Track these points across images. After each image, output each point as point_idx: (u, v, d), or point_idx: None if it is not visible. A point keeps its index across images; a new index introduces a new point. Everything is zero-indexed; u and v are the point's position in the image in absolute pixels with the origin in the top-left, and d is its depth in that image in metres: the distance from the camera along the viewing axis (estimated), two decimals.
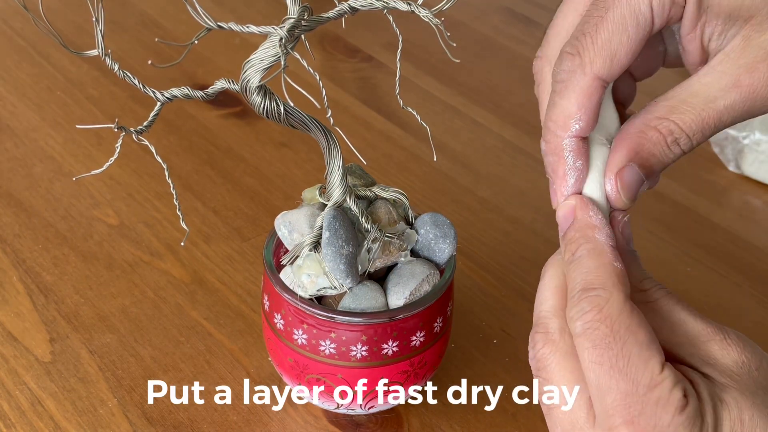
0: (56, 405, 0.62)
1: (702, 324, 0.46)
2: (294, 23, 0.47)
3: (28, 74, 0.96)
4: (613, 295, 0.44)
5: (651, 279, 0.48)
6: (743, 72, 0.46)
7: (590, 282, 0.45)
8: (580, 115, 0.48)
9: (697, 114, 0.46)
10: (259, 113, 0.50)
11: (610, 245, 0.47)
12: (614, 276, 0.45)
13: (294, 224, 0.56)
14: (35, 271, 0.72)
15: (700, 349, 0.45)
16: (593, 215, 0.48)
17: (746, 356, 0.45)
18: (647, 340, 0.44)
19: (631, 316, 0.44)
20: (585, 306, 0.45)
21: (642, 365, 0.43)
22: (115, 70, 0.48)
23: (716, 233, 0.81)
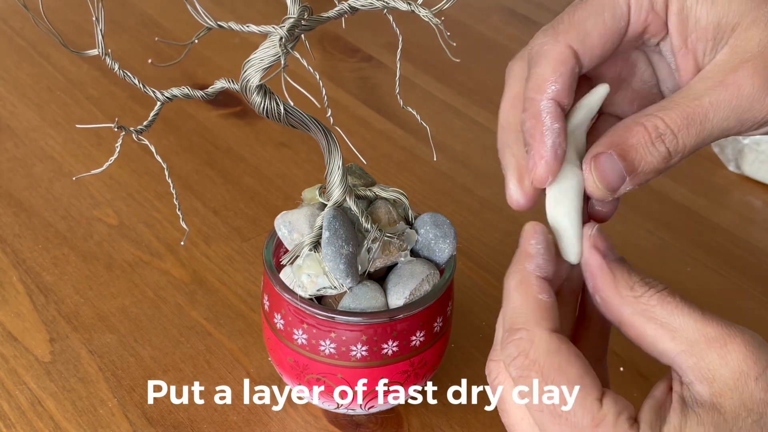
0: (56, 405, 0.62)
1: (703, 327, 0.44)
2: (294, 23, 0.47)
3: (28, 74, 0.96)
4: (537, 334, 0.44)
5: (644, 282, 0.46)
6: (729, 71, 0.46)
7: (515, 321, 0.45)
8: (554, 78, 0.48)
9: (683, 110, 0.46)
10: (259, 113, 0.50)
11: (536, 276, 0.46)
12: (537, 311, 0.45)
13: (294, 224, 0.56)
14: (35, 271, 0.72)
15: (700, 358, 0.43)
16: (534, 243, 0.47)
17: (748, 364, 0.43)
18: (579, 377, 0.43)
19: (560, 353, 0.44)
20: (513, 351, 0.45)
21: (579, 407, 0.43)
22: (115, 69, 0.48)
23: (716, 233, 0.81)
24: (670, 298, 0.45)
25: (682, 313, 0.44)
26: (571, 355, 0.44)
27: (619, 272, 0.46)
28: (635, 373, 0.67)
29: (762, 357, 0.43)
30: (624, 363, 0.68)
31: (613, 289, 0.45)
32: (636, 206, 0.82)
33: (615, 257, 0.47)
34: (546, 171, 0.48)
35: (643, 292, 0.45)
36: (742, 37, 0.46)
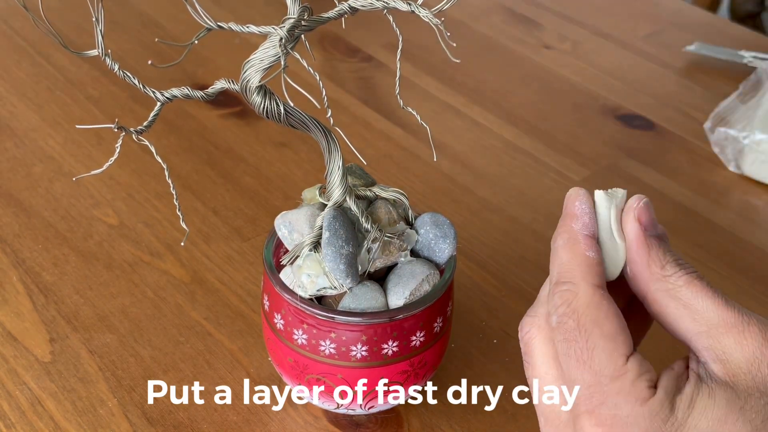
0: (56, 405, 0.62)
1: (724, 312, 0.45)
2: (294, 23, 0.47)
3: (28, 74, 0.96)
4: (581, 288, 0.46)
5: (676, 263, 0.47)
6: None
7: (562, 275, 0.47)
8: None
9: None
10: (259, 113, 0.50)
11: (584, 234, 0.48)
12: (584, 266, 0.47)
13: (294, 224, 0.56)
14: (35, 271, 0.72)
15: (717, 340, 0.45)
16: (578, 205, 0.49)
17: (762, 351, 0.44)
18: (613, 332, 0.45)
19: (599, 307, 0.45)
20: (557, 300, 0.47)
21: (605, 357, 0.44)
22: (115, 70, 0.48)
23: (716, 233, 0.81)
24: (697, 281, 0.46)
25: (706, 296, 0.46)
26: (610, 311, 0.46)
27: (655, 248, 0.48)
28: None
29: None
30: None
31: (645, 264, 0.47)
32: None
33: (655, 232, 0.49)
34: None
35: (673, 272, 0.47)
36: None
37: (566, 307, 0.46)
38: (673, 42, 1.09)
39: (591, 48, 1.07)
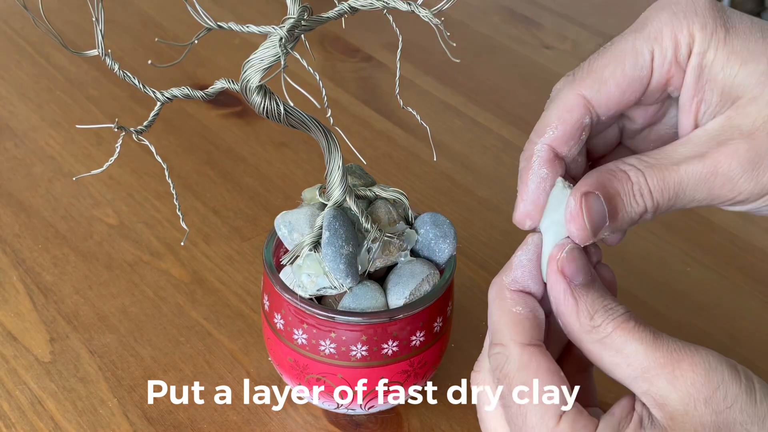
0: (56, 405, 0.62)
1: (654, 354, 0.44)
2: (294, 23, 0.47)
3: (28, 74, 0.96)
4: (510, 350, 0.46)
5: (603, 311, 0.46)
6: (712, 145, 0.46)
7: (494, 335, 0.47)
8: (556, 124, 0.48)
9: (661, 172, 0.46)
10: (259, 113, 0.50)
11: (510, 290, 0.48)
12: (511, 326, 0.46)
13: (294, 224, 0.56)
14: (35, 271, 0.72)
15: (651, 384, 0.44)
16: (519, 254, 0.48)
17: (696, 389, 0.43)
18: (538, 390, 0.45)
19: (528, 368, 0.45)
20: (493, 365, 0.47)
21: (537, 420, 0.44)
22: (115, 70, 0.48)
23: (716, 233, 0.81)
24: (625, 325, 0.45)
25: (634, 339, 0.44)
26: (540, 369, 0.45)
27: (582, 299, 0.46)
28: None
29: (712, 378, 0.43)
30: None
31: (574, 317, 0.46)
32: None
33: (583, 280, 0.47)
34: (524, 215, 0.49)
35: (601, 321, 0.45)
36: (739, 111, 0.46)
37: (499, 372, 0.46)
38: None
39: (591, 48, 1.07)
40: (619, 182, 0.46)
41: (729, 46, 0.46)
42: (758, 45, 0.46)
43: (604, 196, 0.46)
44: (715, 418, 0.42)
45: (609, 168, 0.47)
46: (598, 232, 0.47)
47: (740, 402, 0.43)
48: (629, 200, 0.46)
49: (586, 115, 0.49)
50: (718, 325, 0.72)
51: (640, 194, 0.46)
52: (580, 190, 0.47)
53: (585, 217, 0.47)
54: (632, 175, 0.46)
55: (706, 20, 0.47)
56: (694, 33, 0.47)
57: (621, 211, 0.47)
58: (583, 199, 0.46)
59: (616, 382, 0.46)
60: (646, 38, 0.48)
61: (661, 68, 0.48)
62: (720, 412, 0.42)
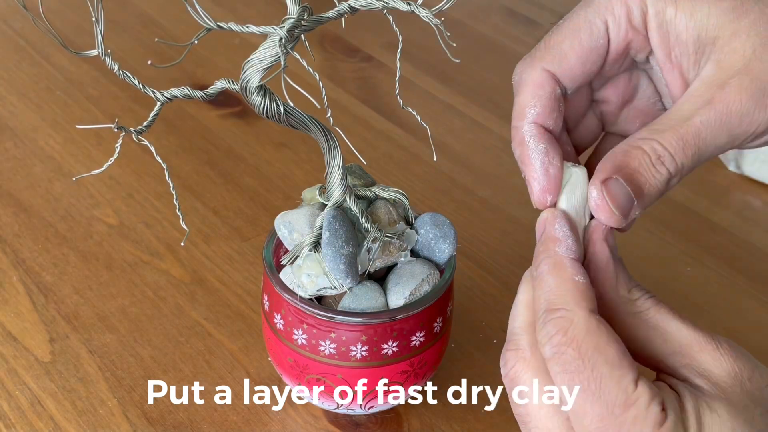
0: (56, 405, 0.62)
1: (694, 333, 0.45)
2: (294, 23, 0.47)
3: (28, 74, 0.96)
4: (577, 314, 0.44)
5: (639, 287, 0.47)
6: (716, 89, 0.46)
7: (553, 302, 0.45)
8: (533, 102, 0.49)
9: (676, 132, 0.46)
10: (259, 113, 0.50)
11: (570, 258, 0.46)
12: (576, 292, 0.45)
13: (294, 224, 0.56)
14: (35, 271, 0.72)
15: (693, 359, 0.45)
16: (558, 228, 0.48)
17: (739, 366, 0.44)
18: (617, 358, 0.43)
19: (599, 334, 0.44)
20: (551, 329, 0.45)
21: (614, 385, 0.43)
22: (115, 70, 0.48)
23: (716, 233, 0.81)
24: (662, 304, 0.46)
25: (674, 318, 0.46)
26: (610, 337, 0.44)
27: (621, 272, 0.47)
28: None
29: (748, 362, 0.45)
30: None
31: (613, 287, 0.47)
32: None
33: (619, 257, 0.48)
34: (542, 192, 0.49)
35: (639, 296, 0.47)
36: (725, 51, 0.47)
37: (563, 336, 0.44)
38: None
39: None
40: (634, 159, 0.46)
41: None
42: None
43: (624, 178, 0.46)
44: (759, 394, 0.44)
45: (622, 149, 0.47)
46: (628, 214, 0.47)
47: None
48: (650, 173, 0.46)
49: (557, 86, 0.50)
50: (718, 325, 0.72)
51: (660, 162, 0.46)
52: (599, 178, 0.47)
53: (610, 204, 0.47)
54: (647, 148, 0.46)
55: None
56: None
57: (645, 186, 0.46)
58: (603, 187, 0.47)
59: None
60: (596, 10, 0.49)
61: (617, 35, 0.49)
62: (762, 389, 0.44)
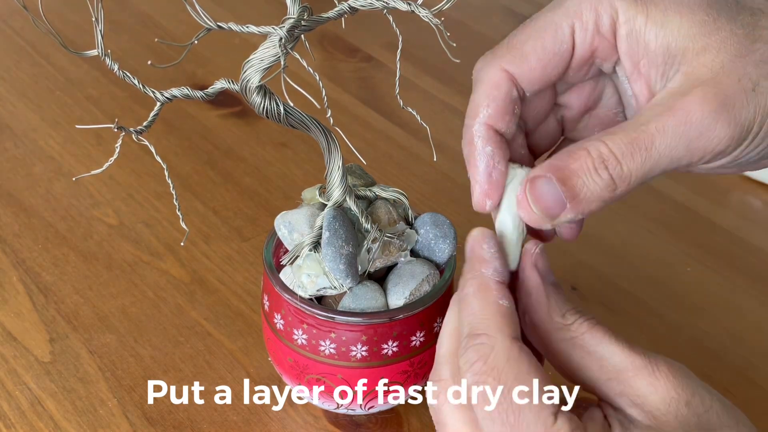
0: (56, 405, 0.62)
1: (630, 357, 0.43)
2: (294, 23, 0.47)
3: (28, 74, 0.96)
4: (498, 341, 0.43)
5: (574, 311, 0.45)
6: (677, 97, 0.44)
7: (475, 326, 0.44)
8: (487, 103, 0.48)
9: (627, 134, 0.44)
10: (258, 113, 0.50)
11: (496, 281, 0.46)
12: (499, 317, 0.44)
13: (294, 224, 0.56)
14: (35, 271, 0.72)
15: (628, 385, 0.43)
16: (486, 248, 0.47)
17: (677, 391, 0.43)
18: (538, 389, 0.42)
19: (520, 362, 0.43)
20: (471, 356, 0.44)
21: (533, 418, 0.42)
22: (115, 70, 0.48)
23: (716, 233, 0.81)
24: (598, 327, 0.45)
25: (610, 342, 0.44)
26: (531, 365, 0.43)
27: (554, 297, 0.45)
28: None
29: (688, 384, 0.43)
30: None
31: (545, 313, 0.45)
32: (636, 206, 0.82)
33: (552, 280, 0.46)
34: (482, 195, 0.48)
35: (574, 320, 0.45)
36: (693, 64, 0.45)
37: (483, 364, 0.43)
38: None
39: None
40: (575, 160, 0.44)
41: (660, 5, 0.46)
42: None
43: (559, 178, 0.44)
44: (696, 421, 0.42)
45: (568, 149, 0.45)
46: (555, 216, 0.45)
47: (716, 408, 0.43)
48: (590, 177, 0.44)
49: (513, 88, 0.48)
50: (718, 325, 0.72)
51: (603, 166, 0.44)
52: (529, 175, 0.46)
53: (531, 202, 0.45)
54: (592, 150, 0.44)
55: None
56: (615, 4, 0.47)
57: (582, 191, 0.44)
58: (528, 184, 0.46)
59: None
60: (564, 13, 0.48)
61: (583, 41, 0.48)
62: (700, 414, 0.42)
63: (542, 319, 0.45)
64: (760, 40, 0.45)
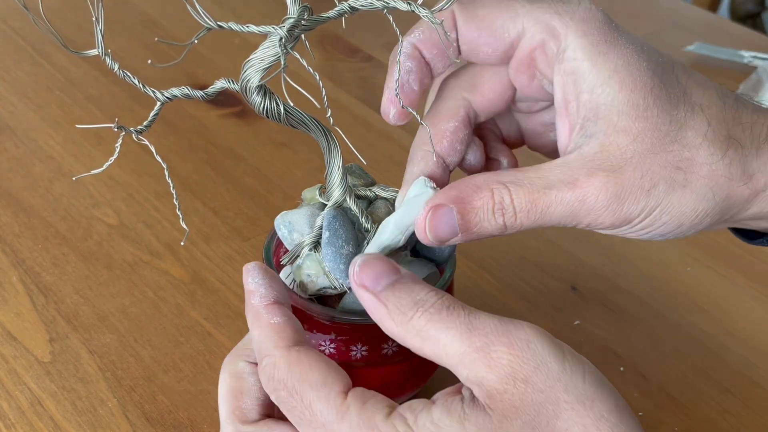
0: (56, 405, 0.62)
1: (469, 338, 0.43)
2: (294, 23, 0.47)
3: (27, 74, 0.96)
4: (276, 355, 0.46)
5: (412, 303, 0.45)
6: (583, 174, 0.47)
7: (260, 351, 0.47)
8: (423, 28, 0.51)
9: (531, 194, 0.47)
10: (258, 113, 0.50)
11: (264, 305, 0.48)
12: (272, 335, 0.46)
13: (294, 224, 0.56)
14: (35, 271, 0.72)
15: (471, 368, 0.43)
16: (251, 281, 0.49)
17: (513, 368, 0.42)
18: (321, 377, 0.44)
19: (299, 363, 0.45)
20: (265, 380, 0.46)
21: (324, 405, 0.44)
22: (115, 69, 0.48)
23: (716, 232, 0.80)
24: (436, 316, 0.44)
25: (447, 327, 0.44)
26: (312, 361, 0.45)
27: (391, 301, 0.45)
28: (636, 374, 0.67)
29: (531, 357, 0.42)
30: (624, 363, 0.68)
31: (389, 321, 0.45)
32: None
33: (386, 282, 0.46)
34: (387, 102, 0.53)
35: (412, 315, 0.44)
36: (611, 140, 0.47)
37: (273, 382, 0.45)
38: (673, 42, 1.09)
39: None
40: (479, 199, 0.47)
41: (611, 64, 0.47)
42: (641, 74, 0.47)
43: (460, 211, 0.48)
44: (536, 397, 0.41)
45: (476, 182, 0.48)
46: (445, 242, 0.49)
47: (564, 381, 0.41)
48: (486, 218, 0.48)
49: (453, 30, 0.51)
50: (718, 326, 0.72)
51: (501, 214, 0.47)
52: (434, 201, 0.48)
53: (428, 229, 0.48)
54: (496, 194, 0.47)
55: (592, 30, 0.48)
56: (568, 35, 0.48)
57: (475, 227, 0.48)
58: (431, 212, 0.48)
59: None
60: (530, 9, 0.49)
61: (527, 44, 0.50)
62: (542, 391, 0.41)
63: (390, 327, 0.46)
64: (680, 142, 0.47)
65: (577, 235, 0.79)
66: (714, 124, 0.47)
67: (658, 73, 0.47)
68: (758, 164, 0.48)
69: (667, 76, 0.48)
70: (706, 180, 0.47)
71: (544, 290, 0.74)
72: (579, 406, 0.41)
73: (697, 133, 0.47)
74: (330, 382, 0.44)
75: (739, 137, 0.48)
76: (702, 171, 0.47)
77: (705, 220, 0.48)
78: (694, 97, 0.48)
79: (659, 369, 0.68)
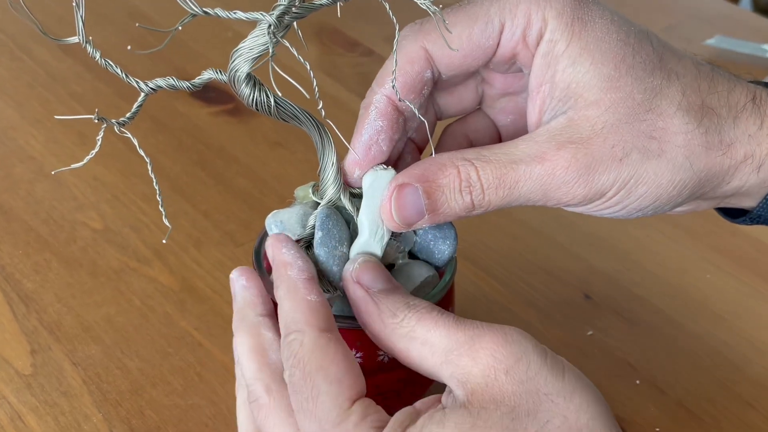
0: (37, 420, 0.62)
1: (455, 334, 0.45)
2: (284, 9, 0.47)
3: (7, 69, 0.96)
4: (307, 334, 0.46)
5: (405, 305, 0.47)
6: (552, 147, 0.48)
7: (288, 325, 0.48)
8: (396, 75, 0.50)
9: (498, 169, 0.48)
10: (248, 105, 0.50)
11: (303, 279, 0.49)
12: (307, 312, 0.47)
13: (285, 224, 0.56)
14: (15, 278, 0.72)
15: (456, 365, 0.45)
16: (285, 252, 0.50)
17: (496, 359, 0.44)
18: (339, 374, 0.45)
19: (325, 351, 0.46)
20: (286, 354, 0.47)
21: (330, 402, 0.45)
22: (97, 58, 0.48)
23: (737, 238, 0.80)
24: (427, 315, 0.46)
25: (436, 325, 0.46)
26: (337, 354, 0.46)
27: (384, 302, 0.48)
28: (652, 387, 0.67)
29: (513, 350, 0.44)
30: (640, 376, 0.68)
31: (379, 321, 0.47)
32: None
33: (383, 286, 0.49)
34: (352, 164, 0.52)
35: (403, 317, 0.47)
36: (580, 114, 0.48)
37: (293, 359, 0.46)
38: (691, 36, 1.09)
39: None
40: (445, 177, 0.48)
41: (582, 41, 0.48)
42: (611, 46, 0.48)
43: (425, 190, 0.49)
44: (516, 388, 0.43)
45: (440, 160, 0.49)
46: (412, 224, 0.50)
47: (544, 374, 0.44)
48: (453, 197, 0.48)
49: (428, 69, 0.51)
50: (739, 336, 0.72)
51: (468, 191, 0.48)
52: (398, 181, 0.49)
53: (394, 210, 0.50)
54: (462, 171, 0.48)
55: (565, 9, 0.49)
56: (547, 19, 0.49)
57: (442, 206, 0.49)
58: (396, 192, 0.49)
59: None
60: (501, 8, 0.50)
61: (508, 42, 0.50)
62: (523, 382, 0.43)
63: (378, 328, 0.48)
64: (654, 111, 0.48)
65: (590, 239, 0.79)
66: (688, 92, 0.49)
67: (631, 43, 0.49)
68: (736, 133, 0.49)
69: (641, 45, 0.49)
70: (682, 149, 0.48)
71: (554, 298, 0.74)
72: (559, 399, 0.43)
73: (671, 101, 0.48)
74: (346, 383, 0.45)
75: (715, 106, 0.49)
76: (677, 140, 0.48)
77: (684, 192, 0.49)
78: (670, 64, 0.49)
79: (677, 382, 0.68)
